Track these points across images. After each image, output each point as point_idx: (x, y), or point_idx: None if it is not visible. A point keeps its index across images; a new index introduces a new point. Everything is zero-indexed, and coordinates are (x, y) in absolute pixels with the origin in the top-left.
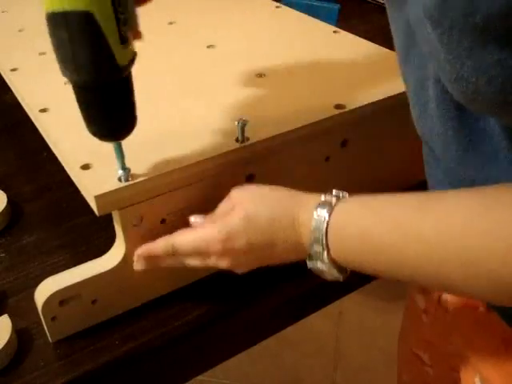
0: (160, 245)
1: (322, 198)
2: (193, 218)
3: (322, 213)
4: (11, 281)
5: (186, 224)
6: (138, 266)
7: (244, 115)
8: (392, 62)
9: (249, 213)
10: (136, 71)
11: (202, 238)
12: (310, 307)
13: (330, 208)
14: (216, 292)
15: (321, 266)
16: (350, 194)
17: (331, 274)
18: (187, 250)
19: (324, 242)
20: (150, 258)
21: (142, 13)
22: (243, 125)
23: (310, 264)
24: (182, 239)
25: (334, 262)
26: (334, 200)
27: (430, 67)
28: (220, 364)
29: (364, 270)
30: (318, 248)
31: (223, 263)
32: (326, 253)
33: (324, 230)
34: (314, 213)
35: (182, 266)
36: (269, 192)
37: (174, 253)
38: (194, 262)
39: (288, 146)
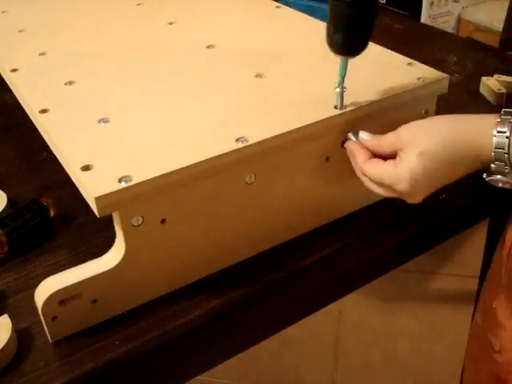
0: (356, 161)
1: (497, 118)
2: (365, 136)
3: (503, 130)
4: (11, 281)
5: (186, 224)
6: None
7: (244, 115)
8: (392, 62)
9: (423, 150)
10: (136, 71)
11: (386, 175)
12: (310, 307)
13: (510, 124)
14: (216, 292)
15: (501, 178)
16: None
17: (510, 183)
18: (373, 179)
19: (507, 157)
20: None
21: (142, 13)
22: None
23: (487, 177)
24: (368, 168)
25: None
26: (510, 117)
27: None
28: (220, 364)
29: None
30: (499, 164)
31: (409, 200)
32: (508, 167)
33: (507, 145)
34: (494, 131)
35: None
36: (436, 123)
37: (363, 174)
38: (378, 190)
39: (288, 146)
